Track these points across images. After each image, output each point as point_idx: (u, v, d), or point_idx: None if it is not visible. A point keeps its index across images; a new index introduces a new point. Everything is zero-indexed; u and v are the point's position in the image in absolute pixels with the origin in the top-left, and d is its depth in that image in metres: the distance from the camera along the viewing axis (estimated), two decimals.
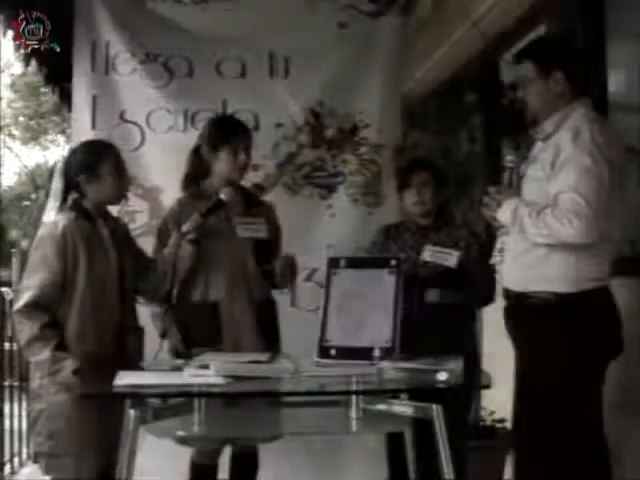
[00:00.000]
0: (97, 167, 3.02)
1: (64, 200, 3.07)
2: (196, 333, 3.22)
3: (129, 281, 3.10)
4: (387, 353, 2.72)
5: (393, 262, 2.90)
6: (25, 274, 3.01)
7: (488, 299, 3.37)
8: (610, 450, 2.71)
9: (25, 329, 2.90)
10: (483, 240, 3.35)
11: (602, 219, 2.57)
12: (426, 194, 3.31)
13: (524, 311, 2.75)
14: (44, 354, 2.86)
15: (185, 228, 3.14)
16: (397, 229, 3.41)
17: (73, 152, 3.16)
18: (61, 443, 2.90)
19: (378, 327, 2.78)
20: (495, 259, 2.92)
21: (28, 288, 2.92)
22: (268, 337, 3.24)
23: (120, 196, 3.11)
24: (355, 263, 2.99)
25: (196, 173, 3.33)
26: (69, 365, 2.82)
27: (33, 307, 2.89)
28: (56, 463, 2.92)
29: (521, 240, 2.71)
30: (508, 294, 2.83)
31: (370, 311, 2.83)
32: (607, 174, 2.57)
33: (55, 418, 2.91)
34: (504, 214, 2.73)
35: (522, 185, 2.80)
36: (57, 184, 3.14)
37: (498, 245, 2.90)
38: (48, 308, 2.91)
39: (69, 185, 3.07)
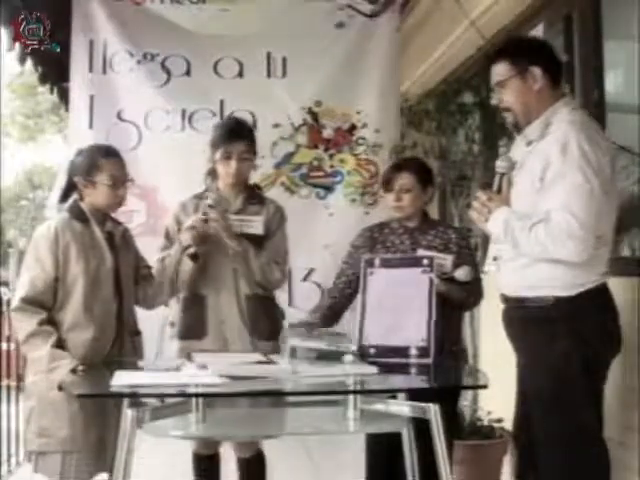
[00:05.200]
0: (94, 174, 3.04)
1: (65, 197, 3.11)
2: (182, 324, 3.30)
3: (126, 284, 3.11)
4: (423, 352, 2.76)
5: (426, 261, 2.93)
6: (20, 273, 3.05)
7: (477, 301, 3.38)
8: (611, 450, 2.71)
9: (23, 325, 2.92)
10: (474, 242, 3.35)
11: (595, 231, 2.55)
12: (405, 199, 3.27)
13: (522, 315, 2.74)
14: (42, 350, 2.86)
15: (184, 242, 3.19)
16: (381, 231, 3.37)
17: (79, 153, 3.18)
18: (50, 441, 2.90)
19: (413, 326, 2.81)
20: (490, 267, 2.88)
21: (22, 285, 2.96)
22: (258, 333, 3.24)
23: (114, 205, 3.11)
24: (389, 263, 3.01)
25: (209, 171, 3.38)
26: (67, 364, 2.82)
27: (28, 304, 2.92)
28: (45, 461, 2.92)
29: (516, 252, 2.69)
30: (506, 298, 2.82)
31: (405, 310, 2.85)
32: (598, 186, 2.53)
33: (45, 416, 2.90)
34: (495, 225, 2.69)
35: (512, 192, 2.76)
36: (60, 181, 3.17)
37: (492, 253, 2.86)
38: (43, 306, 2.93)
39: (70, 184, 3.12)
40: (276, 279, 3.32)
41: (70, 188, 3.12)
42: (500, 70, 2.74)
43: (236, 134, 3.31)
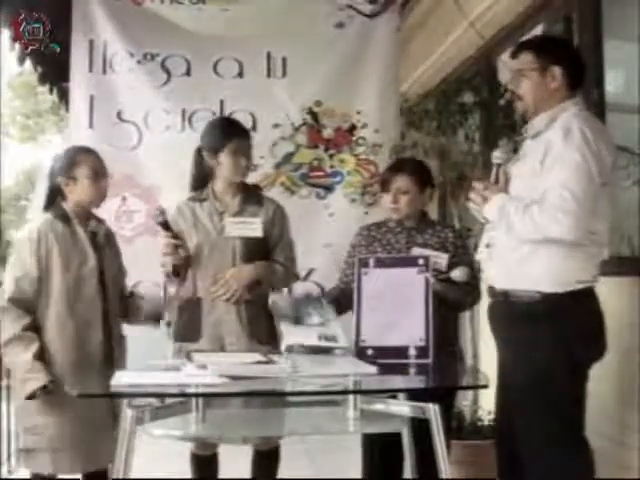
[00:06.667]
0: (73, 171, 3.09)
1: (49, 203, 3.15)
2: (178, 326, 3.30)
3: (111, 282, 3.15)
4: (422, 351, 2.76)
5: (421, 261, 2.93)
6: (5, 275, 3.10)
7: (475, 301, 3.37)
8: (610, 450, 2.71)
9: (7, 328, 2.96)
10: (474, 242, 3.34)
11: (590, 217, 2.57)
12: (402, 201, 3.27)
13: (508, 310, 2.74)
14: (21, 358, 2.93)
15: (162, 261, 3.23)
16: (379, 229, 3.37)
17: (56, 157, 3.26)
18: (38, 438, 2.98)
19: (411, 326, 2.81)
20: (481, 255, 2.89)
21: (7, 286, 3.01)
22: (257, 336, 3.23)
23: (97, 199, 3.16)
24: (384, 263, 3.01)
25: (199, 175, 3.36)
26: (40, 378, 2.88)
27: (14, 304, 2.97)
28: (34, 458, 3.02)
29: (508, 238, 2.70)
30: (493, 292, 2.83)
31: (402, 310, 2.85)
32: (596, 172, 2.57)
33: (33, 414, 2.98)
34: (491, 210, 2.72)
35: (510, 182, 2.79)
36: (42, 187, 3.23)
37: (485, 240, 2.87)
38: (29, 308, 2.98)
39: (52, 188, 3.16)
40: (295, 278, 3.39)
41: (54, 193, 3.15)
42: (523, 59, 2.78)
43: (240, 130, 3.32)
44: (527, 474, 2.68)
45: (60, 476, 3.12)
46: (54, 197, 3.14)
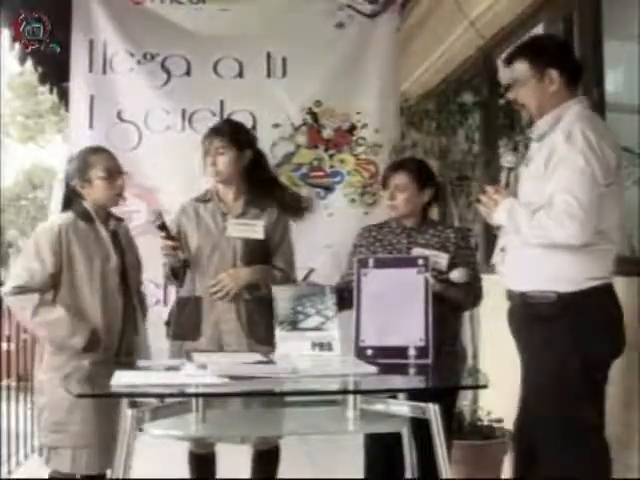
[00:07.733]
0: (87, 171, 3.11)
1: (66, 206, 3.18)
2: (177, 325, 3.32)
3: (133, 280, 3.20)
4: (422, 352, 2.76)
5: (421, 261, 2.93)
6: (16, 263, 3.12)
7: (476, 301, 3.36)
8: (611, 449, 2.71)
9: (24, 304, 2.98)
10: (474, 242, 3.33)
11: (597, 219, 2.57)
12: (399, 198, 3.27)
13: (525, 312, 2.75)
14: (56, 313, 2.95)
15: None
16: (380, 230, 3.37)
17: (70, 160, 3.28)
18: (61, 436, 3.01)
19: (411, 326, 2.81)
20: (496, 258, 2.90)
21: (18, 274, 3.02)
22: (255, 336, 3.24)
23: (114, 197, 3.18)
24: (383, 263, 3.01)
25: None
26: (85, 328, 2.95)
27: (22, 291, 2.97)
28: (56, 455, 3.05)
29: (521, 241, 2.71)
30: (510, 295, 2.83)
31: (401, 311, 2.85)
32: (600, 174, 2.57)
33: (56, 412, 3.00)
34: (500, 214, 2.73)
35: (519, 186, 2.80)
36: (59, 191, 3.25)
37: (500, 244, 2.89)
38: (39, 291, 2.98)
39: (69, 191, 3.19)
40: (293, 282, 3.39)
41: (70, 196, 3.18)
42: (518, 69, 2.79)
43: (213, 131, 3.36)
44: (542, 473, 2.69)
45: (46, 476, 3.12)
46: (70, 200, 3.17)
